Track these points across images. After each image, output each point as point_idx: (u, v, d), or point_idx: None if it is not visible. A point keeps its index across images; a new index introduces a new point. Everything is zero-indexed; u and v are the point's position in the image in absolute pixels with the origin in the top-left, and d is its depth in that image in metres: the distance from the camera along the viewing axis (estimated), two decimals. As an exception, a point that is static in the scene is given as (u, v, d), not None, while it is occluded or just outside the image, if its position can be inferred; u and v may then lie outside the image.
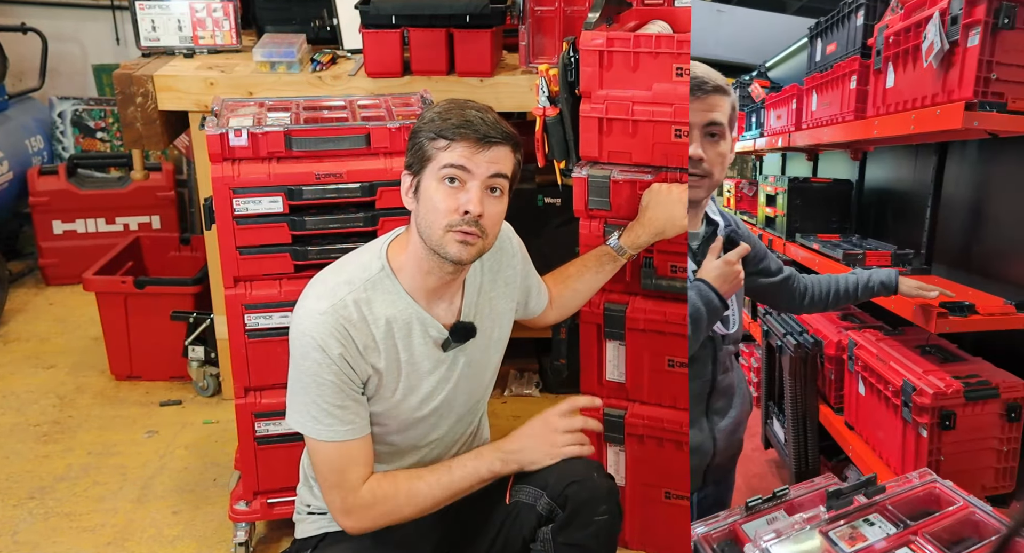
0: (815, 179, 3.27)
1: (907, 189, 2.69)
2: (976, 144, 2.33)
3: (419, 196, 1.69)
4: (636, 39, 2.11)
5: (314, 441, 1.71)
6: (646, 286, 2.20)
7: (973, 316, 2.02)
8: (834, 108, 2.54)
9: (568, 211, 2.26)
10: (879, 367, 2.19)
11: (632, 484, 2.31)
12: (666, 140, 2.11)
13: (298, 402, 1.71)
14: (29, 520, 2.58)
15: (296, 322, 1.70)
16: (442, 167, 1.65)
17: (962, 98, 1.82)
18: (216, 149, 2.09)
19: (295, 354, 1.70)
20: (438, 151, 1.65)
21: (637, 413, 2.26)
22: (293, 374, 1.72)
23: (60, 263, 4.19)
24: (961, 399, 1.96)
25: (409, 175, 1.71)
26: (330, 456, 1.71)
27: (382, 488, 1.72)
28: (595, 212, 2.19)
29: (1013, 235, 2.19)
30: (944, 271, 2.46)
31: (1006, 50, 1.78)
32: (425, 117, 1.70)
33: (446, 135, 1.65)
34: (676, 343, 2.18)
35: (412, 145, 1.70)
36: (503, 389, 3.22)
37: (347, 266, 1.76)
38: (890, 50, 2.16)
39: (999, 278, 2.22)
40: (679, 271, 2.17)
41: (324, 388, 1.68)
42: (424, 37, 2.75)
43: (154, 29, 3.02)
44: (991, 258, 2.29)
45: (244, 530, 2.36)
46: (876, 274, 2.22)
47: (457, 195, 1.65)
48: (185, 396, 3.23)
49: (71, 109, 4.60)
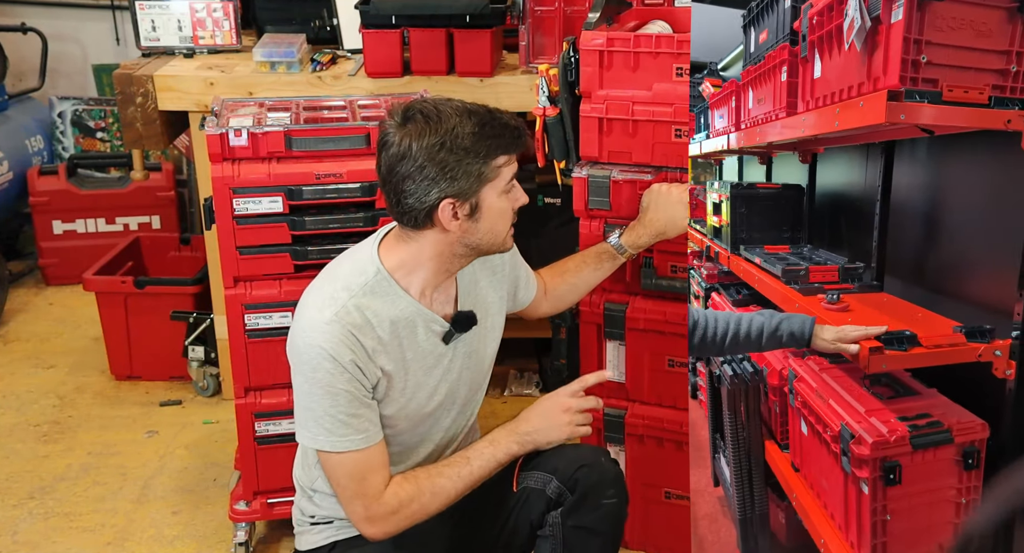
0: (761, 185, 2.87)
1: (860, 195, 2.39)
2: (925, 141, 2.06)
3: (480, 215, 1.66)
4: (636, 39, 2.11)
5: (330, 454, 1.68)
6: (646, 286, 2.20)
7: (915, 349, 1.74)
8: (768, 105, 2.24)
9: (568, 211, 2.26)
10: (817, 405, 1.90)
11: (632, 484, 2.30)
12: (666, 140, 2.12)
13: (309, 418, 1.67)
14: (29, 520, 2.58)
15: (300, 335, 1.66)
16: (510, 180, 1.66)
17: (887, 86, 1.54)
18: (216, 149, 2.10)
19: (303, 369, 1.66)
20: (500, 168, 1.64)
21: (637, 413, 2.26)
22: (303, 389, 1.67)
23: (60, 263, 4.18)
24: (907, 447, 1.67)
25: (454, 201, 1.62)
26: (348, 466, 1.68)
27: (405, 490, 1.70)
28: (595, 212, 2.19)
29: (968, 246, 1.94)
30: (899, 287, 2.18)
31: (938, 27, 1.49)
32: (458, 136, 1.59)
33: (508, 150, 1.63)
34: (676, 343, 2.18)
35: (455, 170, 1.59)
36: (503, 389, 3.22)
37: (340, 273, 1.73)
38: (814, 33, 1.87)
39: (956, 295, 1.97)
40: (679, 271, 2.17)
41: (338, 398, 1.64)
42: (424, 37, 2.75)
43: (154, 29, 3.02)
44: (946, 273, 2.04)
45: (244, 530, 2.36)
46: (787, 322, 2.02)
47: (510, 195, 1.69)
48: (185, 396, 3.23)
49: (71, 109, 4.60)
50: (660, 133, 2.12)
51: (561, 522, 1.78)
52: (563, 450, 1.83)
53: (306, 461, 1.84)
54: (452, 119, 1.60)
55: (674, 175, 2.13)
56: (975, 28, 1.53)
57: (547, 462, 1.81)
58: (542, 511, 1.81)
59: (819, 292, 2.13)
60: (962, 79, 1.54)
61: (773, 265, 2.28)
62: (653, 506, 2.32)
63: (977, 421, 1.69)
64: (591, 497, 1.77)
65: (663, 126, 2.11)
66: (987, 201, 1.88)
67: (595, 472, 1.79)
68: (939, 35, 1.50)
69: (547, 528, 1.80)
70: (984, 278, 1.84)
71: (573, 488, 1.78)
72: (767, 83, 2.21)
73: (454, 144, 1.59)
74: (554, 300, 2.11)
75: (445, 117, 1.60)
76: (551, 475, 1.80)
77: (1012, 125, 1.54)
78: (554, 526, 1.79)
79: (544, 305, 2.10)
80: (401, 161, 1.61)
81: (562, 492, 1.79)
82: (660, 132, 2.12)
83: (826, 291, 2.12)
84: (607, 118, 2.15)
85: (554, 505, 1.79)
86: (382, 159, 1.65)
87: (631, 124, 2.14)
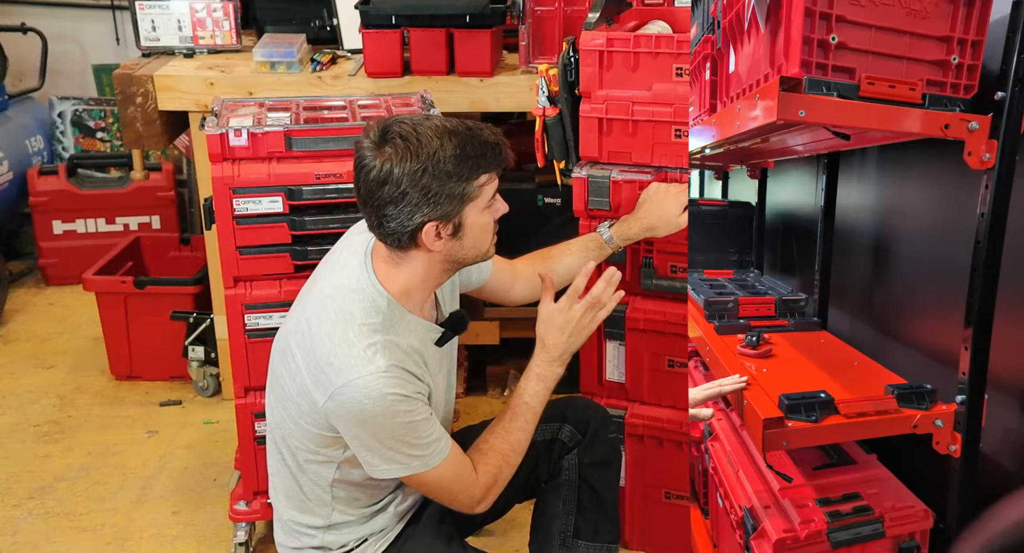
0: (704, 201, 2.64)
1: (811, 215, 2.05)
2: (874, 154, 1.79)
3: (463, 233, 1.64)
4: (636, 39, 2.11)
5: (426, 473, 1.67)
6: (646, 286, 2.20)
7: (829, 419, 1.39)
8: (696, 108, 2.01)
9: (568, 211, 2.26)
10: (727, 475, 1.67)
11: (632, 484, 2.31)
12: (666, 140, 2.12)
13: (397, 456, 1.63)
14: (29, 520, 2.58)
15: (361, 392, 1.57)
16: (492, 197, 1.66)
17: (787, 74, 1.22)
18: (216, 149, 2.10)
19: (378, 421, 1.59)
20: (481, 187, 1.62)
21: (637, 413, 2.26)
22: (381, 436, 1.61)
23: (60, 263, 4.18)
24: (824, 544, 1.37)
25: (437, 222, 1.60)
26: (446, 474, 1.69)
27: (491, 463, 1.74)
28: (595, 212, 2.20)
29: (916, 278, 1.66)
30: (846, 323, 1.93)
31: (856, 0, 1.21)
32: (439, 160, 1.55)
33: (489, 168, 1.62)
34: (676, 343, 2.18)
35: (438, 196, 1.56)
36: (503, 389, 3.22)
37: (355, 314, 1.63)
38: (725, 18, 1.61)
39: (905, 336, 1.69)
40: (679, 271, 2.17)
41: (418, 426, 1.63)
42: (424, 37, 2.75)
43: (154, 29, 3.02)
44: (894, 308, 1.77)
45: (244, 530, 2.36)
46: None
47: (491, 209, 1.69)
48: (185, 396, 3.23)
49: (71, 109, 4.60)
50: (660, 133, 2.12)
51: (579, 461, 1.91)
52: (565, 401, 1.99)
53: (307, 505, 1.80)
54: (433, 142, 1.55)
55: (674, 175, 2.13)
56: (907, 6, 1.22)
57: (554, 414, 1.91)
58: (555, 459, 1.92)
59: (742, 330, 1.88)
60: (888, 69, 1.23)
61: (698, 294, 2.04)
62: (653, 506, 2.31)
63: (919, 507, 1.39)
64: (600, 433, 1.94)
65: (663, 126, 2.11)
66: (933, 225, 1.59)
67: (599, 411, 2.00)
68: (856, 11, 1.20)
69: (563, 473, 1.90)
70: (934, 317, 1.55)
71: (584, 430, 1.93)
72: (696, 83, 1.96)
73: (436, 168, 1.55)
74: (530, 284, 2.07)
75: (426, 140, 1.55)
76: (561, 423, 1.93)
77: (951, 132, 1.23)
78: (571, 468, 1.91)
79: (517, 289, 2.08)
80: (382, 187, 1.57)
81: (574, 435, 1.92)
82: (660, 132, 2.12)
83: (751, 329, 1.87)
84: (607, 118, 2.15)
85: (566, 449, 1.92)
86: (360, 181, 1.60)
87: (631, 124, 2.14)
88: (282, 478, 1.82)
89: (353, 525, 1.81)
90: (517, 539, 2.30)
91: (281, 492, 1.84)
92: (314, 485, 1.77)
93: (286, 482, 1.81)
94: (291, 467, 1.78)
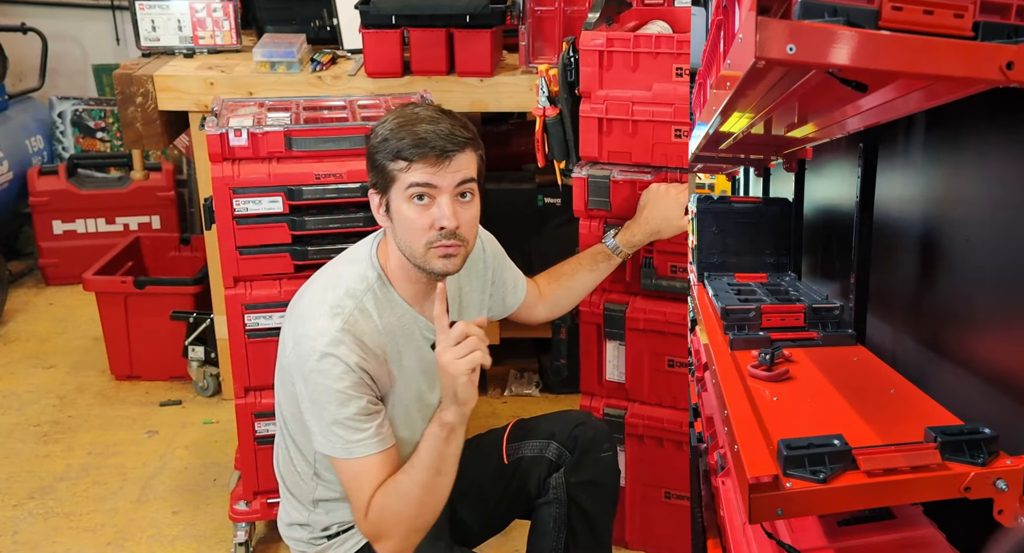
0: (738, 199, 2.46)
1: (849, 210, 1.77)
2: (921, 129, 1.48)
3: (392, 215, 1.67)
4: (636, 39, 2.11)
5: (342, 461, 1.65)
6: (646, 286, 2.20)
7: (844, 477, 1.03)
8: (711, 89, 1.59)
9: (568, 211, 2.26)
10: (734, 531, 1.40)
11: (632, 484, 2.31)
12: (666, 140, 2.11)
13: (322, 425, 1.64)
14: (29, 520, 2.58)
15: (308, 344, 1.63)
16: (407, 187, 1.63)
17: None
18: (216, 149, 2.09)
19: (313, 377, 1.62)
20: (399, 172, 1.63)
21: (637, 413, 2.26)
22: (313, 397, 1.64)
23: (60, 263, 4.18)
24: None
25: (376, 194, 1.69)
26: (356, 473, 1.65)
27: (378, 501, 1.65)
28: (595, 212, 2.19)
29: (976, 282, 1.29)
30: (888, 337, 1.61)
31: None
32: (378, 135, 1.66)
33: (404, 156, 1.62)
34: (676, 343, 2.18)
35: (372, 164, 1.67)
36: (503, 389, 3.22)
37: (342, 277, 1.72)
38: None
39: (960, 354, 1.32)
40: (679, 271, 2.17)
41: (350, 404, 1.62)
42: (424, 37, 2.75)
43: (154, 29, 3.02)
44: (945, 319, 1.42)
45: (244, 530, 2.36)
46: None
47: (429, 211, 1.63)
48: (185, 396, 3.23)
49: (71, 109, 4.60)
50: (660, 133, 2.12)
51: (565, 480, 1.85)
52: (554, 416, 1.95)
53: (296, 479, 1.81)
54: (391, 115, 1.68)
55: (674, 175, 2.13)
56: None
57: (540, 429, 1.89)
58: (542, 477, 1.86)
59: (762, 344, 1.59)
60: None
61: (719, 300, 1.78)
62: (653, 506, 2.31)
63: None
64: (591, 452, 1.86)
65: (663, 126, 2.11)
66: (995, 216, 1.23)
67: (590, 428, 1.90)
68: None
69: (550, 492, 1.85)
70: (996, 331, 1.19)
71: (573, 447, 1.86)
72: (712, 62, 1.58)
73: (374, 136, 1.67)
74: (551, 305, 2.11)
75: (393, 114, 1.68)
76: (548, 440, 1.87)
77: (1017, 73, 0.88)
78: (558, 487, 1.85)
79: (540, 310, 2.10)
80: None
81: (561, 452, 1.86)
82: (660, 132, 2.12)
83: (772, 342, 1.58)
84: (607, 118, 2.15)
85: (555, 467, 1.86)
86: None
87: (631, 124, 2.13)
88: (281, 449, 1.87)
89: (337, 506, 1.81)
90: (517, 539, 2.30)
91: (280, 464, 1.89)
92: (301, 457, 1.80)
93: (282, 455, 1.86)
94: (285, 438, 1.83)
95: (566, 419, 1.93)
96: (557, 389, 3.21)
